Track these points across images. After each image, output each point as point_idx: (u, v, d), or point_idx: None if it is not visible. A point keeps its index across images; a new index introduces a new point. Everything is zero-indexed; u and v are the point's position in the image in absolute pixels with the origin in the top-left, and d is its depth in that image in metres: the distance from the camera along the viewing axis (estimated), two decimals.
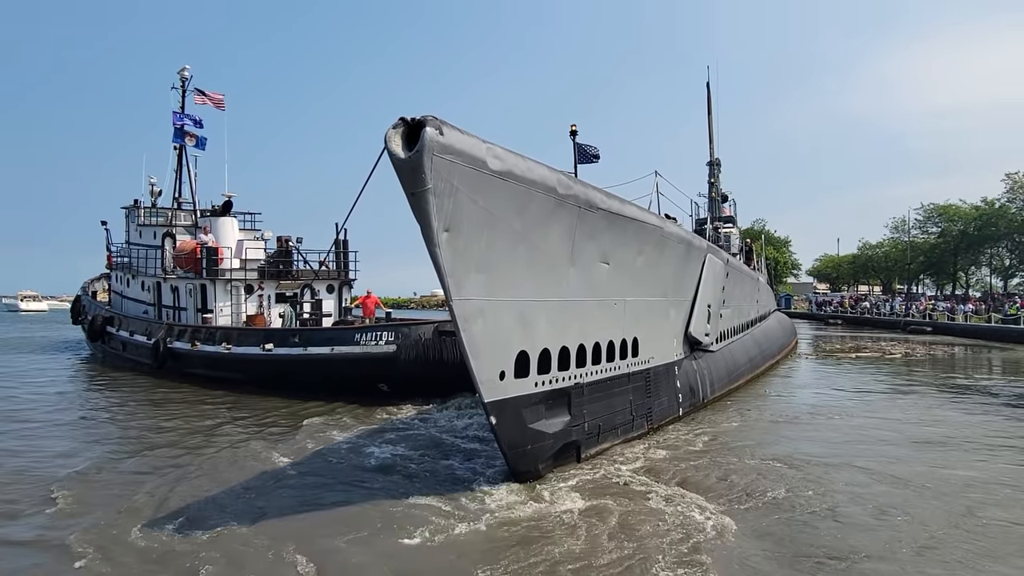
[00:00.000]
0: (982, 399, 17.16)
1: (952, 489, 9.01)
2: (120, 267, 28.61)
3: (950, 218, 66.74)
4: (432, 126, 6.96)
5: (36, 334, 41.88)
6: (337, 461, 10.63)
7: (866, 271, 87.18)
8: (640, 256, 11.87)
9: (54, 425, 13.69)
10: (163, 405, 16.26)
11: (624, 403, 11.76)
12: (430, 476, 9.67)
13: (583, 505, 8.28)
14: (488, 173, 7.80)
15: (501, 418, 8.74)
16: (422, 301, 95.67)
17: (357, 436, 12.53)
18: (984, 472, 9.97)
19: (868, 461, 10.50)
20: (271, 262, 22.69)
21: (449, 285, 7.80)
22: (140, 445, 11.90)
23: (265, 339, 18.43)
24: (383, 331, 16.74)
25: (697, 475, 9.73)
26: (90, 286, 33.55)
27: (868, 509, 8.18)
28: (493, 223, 8.15)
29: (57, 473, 9.96)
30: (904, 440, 12.24)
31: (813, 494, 8.78)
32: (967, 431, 13.05)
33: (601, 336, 11.02)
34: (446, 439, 12.13)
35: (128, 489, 9.12)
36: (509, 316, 8.74)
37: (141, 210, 26.92)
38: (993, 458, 10.88)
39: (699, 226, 31.79)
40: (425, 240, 7.56)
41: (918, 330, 47.40)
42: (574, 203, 9.41)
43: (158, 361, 20.78)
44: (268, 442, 12.02)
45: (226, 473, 9.91)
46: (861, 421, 14.11)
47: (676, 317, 14.43)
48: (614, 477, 9.54)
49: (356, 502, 8.49)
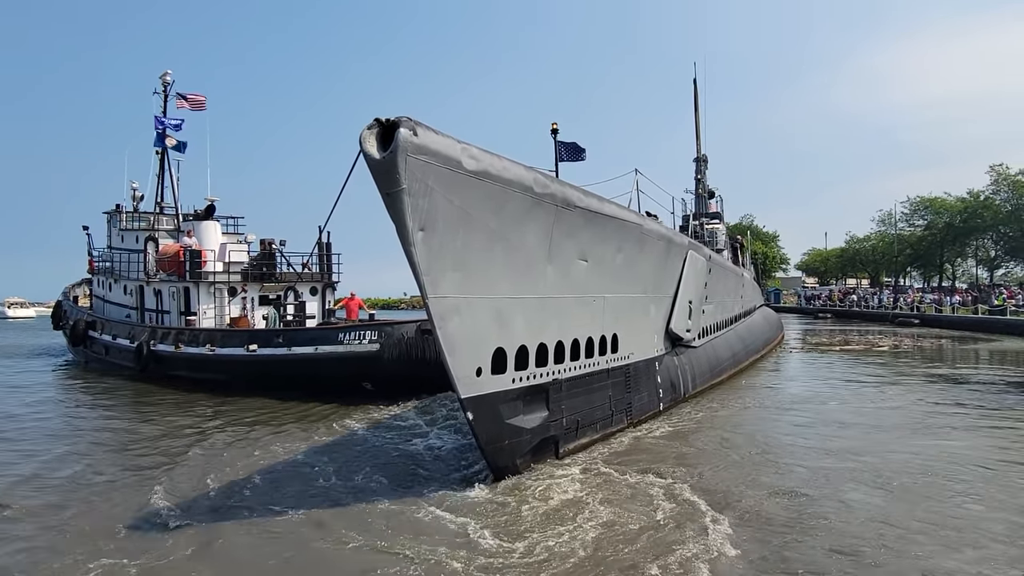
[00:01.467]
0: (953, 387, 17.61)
1: (910, 467, 9.39)
2: (102, 271, 28.67)
3: (936, 211, 67.69)
4: (406, 127, 7.16)
5: (25, 341, 41.67)
6: (321, 459, 10.83)
7: (854, 264, 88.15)
8: (620, 253, 12.13)
9: (35, 429, 13.80)
10: (146, 407, 16.37)
11: (603, 398, 12.02)
12: (407, 473, 9.92)
13: (559, 498, 8.52)
14: (464, 173, 8.02)
15: (478, 414, 8.97)
16: (412, 301, 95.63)
17: (340, 434, 12.75)
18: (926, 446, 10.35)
19: (826, 441, 10.88)
20: (254, 265, 22.88)
21: (424, 284, 8.01)
22: (120, 448, 12.05)
23: (249, 340, 18.62)
24: (366, 330, 17.01)
25: (669, 465, 10.02)
26: (71, 291, 33.51)
27: (836, 488, 8.52)
28: (469, 222, 8.37)
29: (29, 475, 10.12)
30: (873, 425, 12.63)
31: (776, 473, 9.22)
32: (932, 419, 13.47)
33: (580, 333, 11.27)
34: (427, 435, 12.38)
35: (107, 488, 9.29)
36: (486, 313, 8.97)
37: (123, 215, 27.05)
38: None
39: (686, 222, 32.28)
40: (400, 239, 7.77)
41: (906, 322, 48.15)
42: (551, 202, 9.63)
43: (141, 364, 20.89)
44: (252, 442, 12.19)
45: (207, 473, 10.07)
46: (833, 406, 14.68)
47: (657, 313, 14.71)
48: (591, 471, 9.81)
49: (333, 497, 8.71)
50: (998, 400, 15.72)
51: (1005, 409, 14.52)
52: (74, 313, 29.12)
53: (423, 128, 7.34)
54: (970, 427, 12.76)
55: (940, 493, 8.60)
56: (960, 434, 12.16)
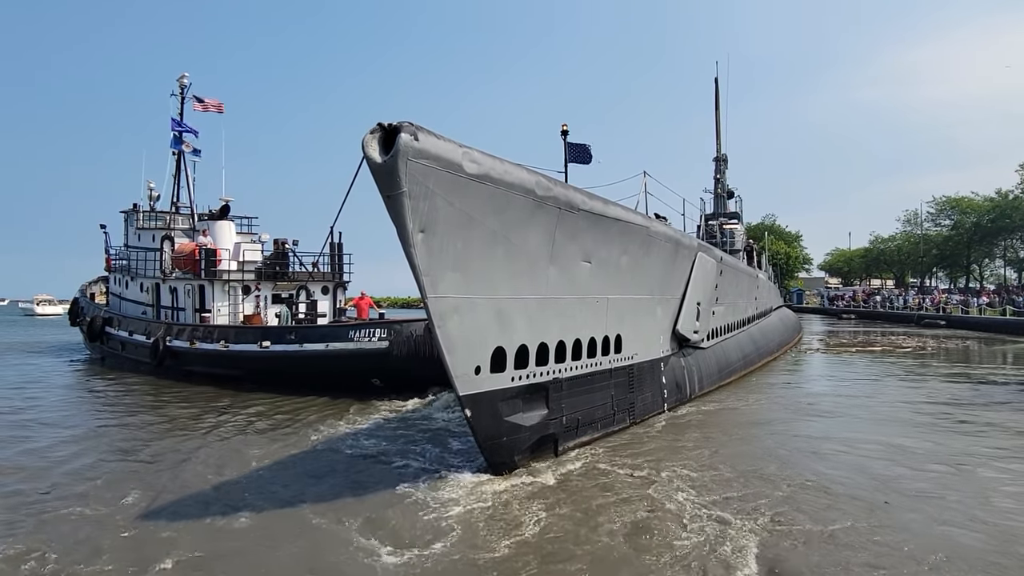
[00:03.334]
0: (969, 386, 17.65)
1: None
2: (119, 269, 29.52)
3: (963, 210, 66.93)
4: (407, 132, 7.52)
5: (43, 337, 42.84)
6: (329, 452, 11.33)
7: (878, 265, 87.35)
8: (625, 255, 12.41)
9: (59, 419, 14.42)
10: (161, 401, 17.02)
11: (605, 398, 12.33)
12: (409, 466, 10.33)
13: (553, 496, 8.83)
14: (465, 176, 8.36)
15: (476, 411, 9.34)
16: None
17: (349, 429, 13.25)
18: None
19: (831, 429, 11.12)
20: (268, 264, 23.56)
21: (424, 283, 8.37)
22: (135, 440, 12.58)
23: (262, 337, 19.25)
24: (376, 328, 17.65)
25: (666, 464, 10.28)
26: (88, 288, 34.48)
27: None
28: (470, 224, 8.72)
29: (56, 464, 10.69)
30: (875, 420, 12.81)
31: (768, 471, 9.52)
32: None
33: (582, 333, 11.58)
34: (432, 431, 12.82)
35: (122, 479, 9.82)
36: (486, 313, 9.32)
37: (140, 214, 27.91)
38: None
39: (706, 222, 32.42)
40: (400, 240, 8.14)
41: (932, 324, 47.73)
42: (554, 204, 9.94)
43: (157, 359, 21.57)
44: (263, 435, 12.72)
45: (220, 464, 10.58)
46: (842, 407, 14.81)
47: (663, 315, 14.97)
48: (588, 469, 10.13)
49: (337, 489, 9.14)
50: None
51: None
52: (91, 310, 30.00)
53: (424, 132, 7.69)
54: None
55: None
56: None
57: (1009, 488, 9.07)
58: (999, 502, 8.48)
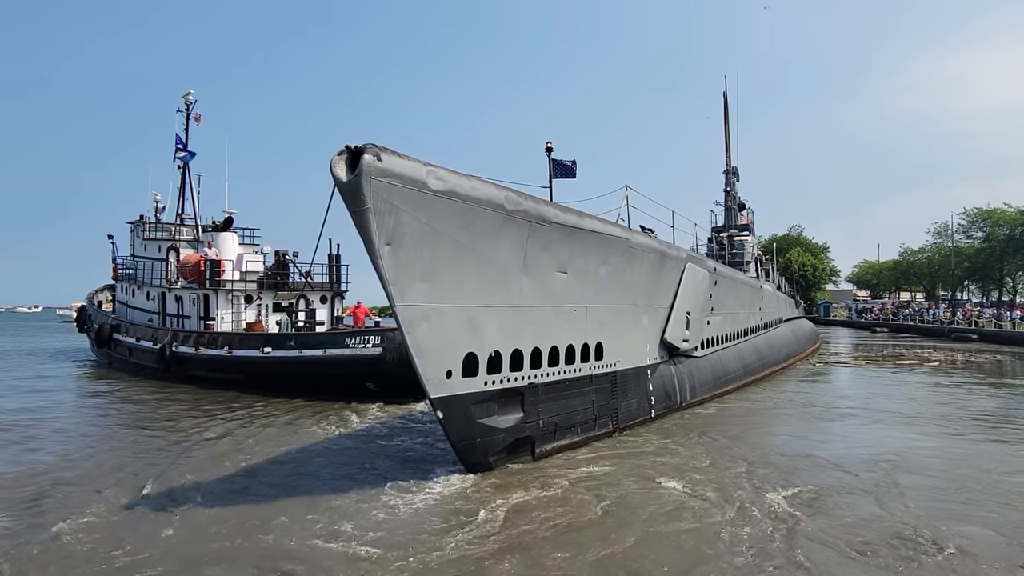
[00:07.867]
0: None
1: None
2: (126, 278, 31.17)
3: (995, 222, 66.57)
4: (371, 152, 8.45)
5: (49, 344, 44.59)
6: (321, 451, 12.42)
7: (908, 277, 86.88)
8: (604, 265, 13.20)
9: (70, 420, 15.68)
10: (168, 404, 18.44)
11: (586, 403, 13.10)
12: (393, 464, 11.33)
13: (527, 493, 9.62)
14: (430, 193, 9.27)
15: (448, 413, 10.20)
16: None
17: (342, 429, 14.49)
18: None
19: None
20: (269, 274, 25.12)
21: (392, 293, 9.28)
22: (141, 439, 13.70)
23: (264, 343, 20.75)
24: (370, 335, 18.95)
25: (647, 467, 11.08)
26: (95, 296, 36.23)
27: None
28: (437, 237, 9.61)
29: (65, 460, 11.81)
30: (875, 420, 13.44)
31: (746, 471, 10.18)
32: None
33: (559, 340, 12.38)
34: (419, 432, 13.88)
35: (123, 473, 10.89)
36: (456, 320, 10.18)
37: (146, 225, 29.58)
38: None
39: (715, 234, 33.09)
40: (368, 252, 9.06)
41: (963, 337, 47.45)
42: (524, 218, 10.77)
43: (164, 364, 23.12)
44: (262, 436, 13.85)
45: (220, 463, 11.62)
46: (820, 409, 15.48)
47: (650, 323, 15.71)
48: (563, 470, 10.92)
49: (321, 488, 10.08)
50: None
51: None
52: (98, 317, 31.68)
53: (388, 153, 8.63)
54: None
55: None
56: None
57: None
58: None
